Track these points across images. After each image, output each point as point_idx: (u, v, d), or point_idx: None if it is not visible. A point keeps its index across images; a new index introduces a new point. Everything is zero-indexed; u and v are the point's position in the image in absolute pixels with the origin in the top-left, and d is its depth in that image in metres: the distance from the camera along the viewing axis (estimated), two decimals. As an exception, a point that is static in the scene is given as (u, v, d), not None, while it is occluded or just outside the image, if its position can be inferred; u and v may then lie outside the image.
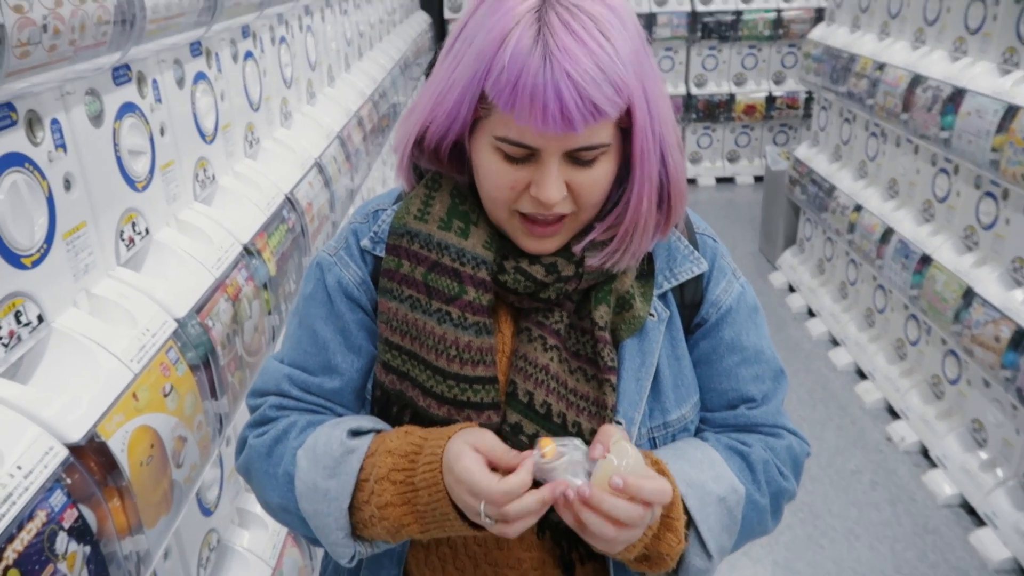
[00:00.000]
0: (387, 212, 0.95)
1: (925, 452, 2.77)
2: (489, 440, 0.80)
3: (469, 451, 0.78)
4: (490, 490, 0.75)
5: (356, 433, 0.87)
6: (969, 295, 2.45)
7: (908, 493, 2.61)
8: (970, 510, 2.49)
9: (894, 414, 2.99)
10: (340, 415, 0.94)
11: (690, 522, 0.86)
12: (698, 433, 0.97)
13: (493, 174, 0.83)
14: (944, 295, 2.58)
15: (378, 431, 0.88)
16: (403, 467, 0.82)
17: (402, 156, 0.92)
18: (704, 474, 0.88)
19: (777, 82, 5.61)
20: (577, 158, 0.80)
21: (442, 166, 0.90)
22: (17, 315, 0.93)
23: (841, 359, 3.38)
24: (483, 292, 0.86)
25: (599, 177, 0.82)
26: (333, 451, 0.85)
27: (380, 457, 0.84)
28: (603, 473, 0.76)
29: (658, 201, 0.87)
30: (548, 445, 0.77)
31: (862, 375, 3.26)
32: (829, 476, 2.69)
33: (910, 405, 2.88)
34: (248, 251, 1.46)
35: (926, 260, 2.73)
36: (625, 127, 0.82)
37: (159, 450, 1.03)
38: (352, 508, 0.85)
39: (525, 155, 0.80)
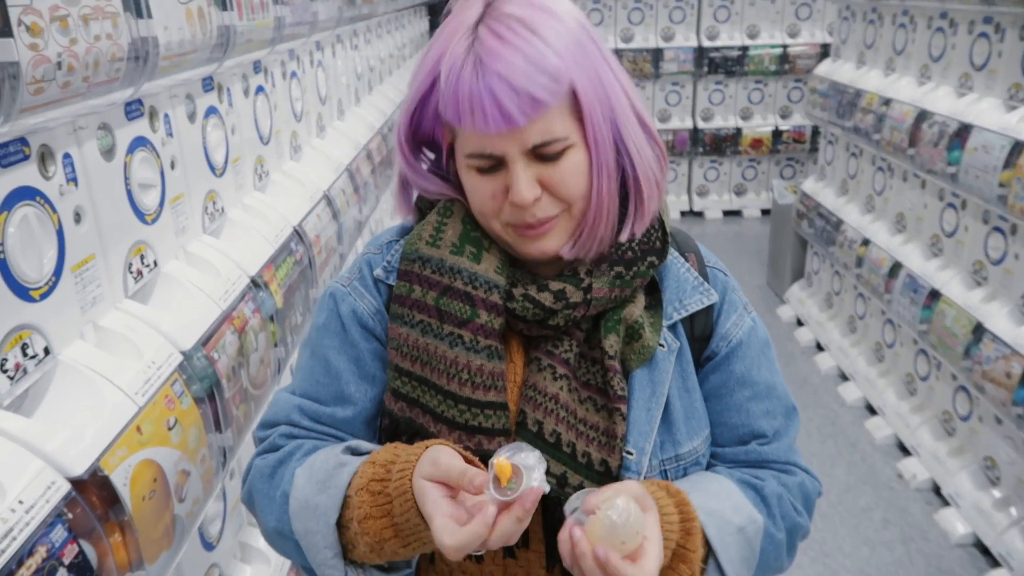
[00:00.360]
0: (399, 243, 0.96)
1: (937, 490, 2.72)
2: (444, 463, 0.75)
3: (430, 490, 0.75)
4: (444, 546, 0.71)
5: (356, 452, 0.86)
6: (979, 330, 2.43)
7: (920, 532, 2.57)
8: (984, 550, 2.45)
9: (905, 450, 2.96)
10: None
11: (709, 553, 0.84)
12: (709, 468, 0.96)
13: (474, 190, 0.86)
14: (954, 330, 2.57)
15: None
16: (380, 476, 0.80)
17: (401, 182, 0.95)
18: (722, 504, 0.87)
19: (783, 116, 5.65)
20: (541, 155, 0.82)
21: (439, 184, 0.92)
22: (24, 348, 0.93)
23: (850, 394, 3.35)
24: (495, 316, 0.87)
25: (568, 169, 0.83)
26: (328, 466, 0.84)
27: (364, 467, 0.82)
28: (592, 531, 0.73)
29: (621, 187, 0.88)
30: (503, 467, 0.72)
31: (872, 410, 3.23)
32: (839, 514, 2.65)
33: (921, 441, 2.85)
34: (255, 283, 1.46)
35: (935, 295, 2.72)
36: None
37: (162, 484, 1.02)
38: (341, 527, 0.82)
39: (494, 164, 0.83)
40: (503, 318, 0.87)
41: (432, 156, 0.94)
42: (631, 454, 0.88)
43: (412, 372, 0.88)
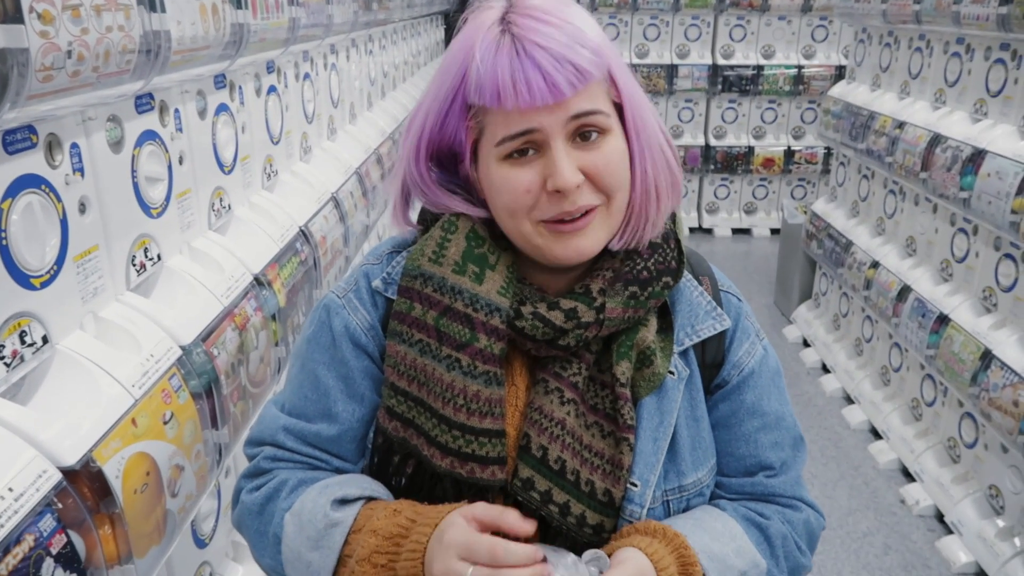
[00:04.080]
0: (401, 254, 0.93)
1: (940, 517, 2.69)
2: (481, 507, 0.78)
3: (460, 519, 0.77)
4: (480, 542, 0.73)
5: (343, 501, 0.85)
6: (987, 357, 2.41)
7: (922, 559, 2.54)
8: (986, 580, 2.41)
9: (909, 476, 2.92)
10: (336, 467, 0.92)
11: None
12: (713, 499, 0.95)
13: (507, 184, 0.82)
14: (961, 356, 2.54)
15: (366, 498, 0.86)
16: (386, 550, 0.80)
17: (400, 191, 0.92)
18: (726, 547, 0.85)
19: (796, 137, 5.63)
20: (582, 133, 0.81)
21: (446, 196, 0.90)
22: (22, 335, 0.93)
23: (855, 417, 3.32)
24: (495, 340, 0.84)
25: (610, 153, 0.82)
26: (317, 522, 0.84)
27: (364, 536, 0.82)
28: None
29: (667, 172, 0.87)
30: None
31: (876, 434, 3.20)
32: (840, 538, 2.62)
33: (925, 468, 2.82)
34: (259, 281, 1.46)
35: (943, 320, 2.70)
36: (617, 102, 0.83)
37: (154, 478, 1.01)
38: None
39: (530, 145, 0.80)
40: (504, 343, 0.85)
41: (437, 171, 0.92)
42: (635, 486, 0.87)
43: (408, 392, 0.86)
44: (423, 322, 0.85)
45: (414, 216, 0.96)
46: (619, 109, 0.84)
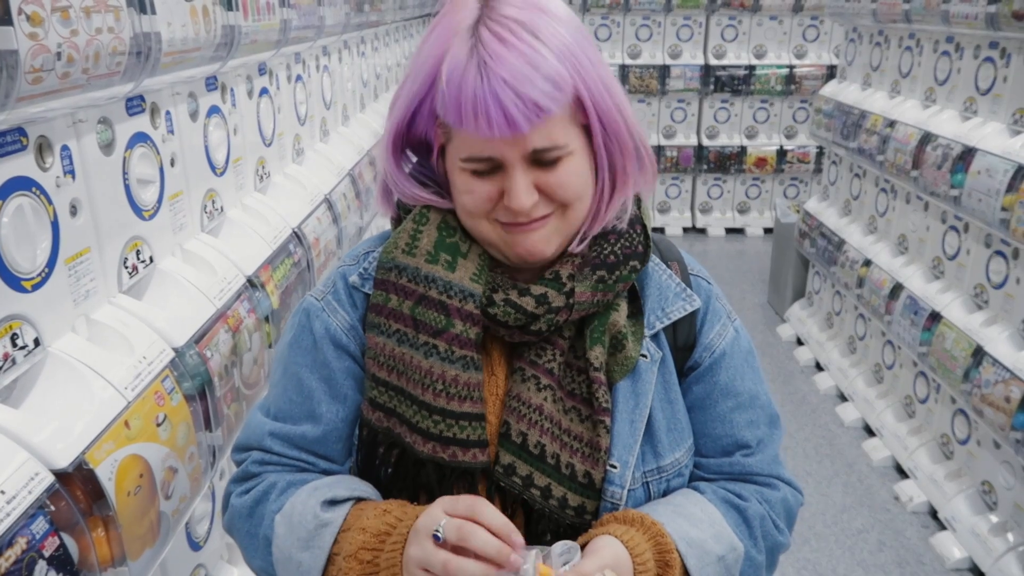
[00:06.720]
0: (375, 252, 0.95)
1: (934, 513, 2.70)
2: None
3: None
4: (464, 497, 0.76)
5: (333, 502, 0.86)
6: (979, 354, 2.42)
7: (916, 555, 2.55)
8: (980, 575, 2.42)
9: (902, 473, 2.93)
10: (323, 469, 0.93)
11: None
12: (692, 479, 0.96)
13: (467, 191, 0.85)
14: (953, 353, 2.55)
15: (355, 499, 0.87)
16: (372, 546, 0.81)
17: (383, 181, 0.93)
18: (704, 533, 0.86)
19: (788, 136, 5.65)
20: (540, 160, 0.82)
21: (418, 188, 0.91)
22: (13, 338, 0.93)
23: (849, 415, 3.33)
24: (470, 325, 0.86)
25: (566, 175, 0.83)
26: (307, 523, 0.84)
27: (353, 533, 0.83)
28: None
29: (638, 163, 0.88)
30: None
31: (870, 431, 3.21)
32: (835, 534, 2.63)
33: (918, 464, 2.83)
34: (252, 283, 1.46)
35: (935, 317, 2.71)
36: (585, 124, 0.84)
37: (148, 480, 1.01)
38: None
39: (491, 168, 0.82)
40: (479, 328, 0.86)
41: (414, 159, 0.93)
42: (615, 467, 0.88)
43: (388, 382, 0.87)
44: (399, 312, 0.87)
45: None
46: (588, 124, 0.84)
